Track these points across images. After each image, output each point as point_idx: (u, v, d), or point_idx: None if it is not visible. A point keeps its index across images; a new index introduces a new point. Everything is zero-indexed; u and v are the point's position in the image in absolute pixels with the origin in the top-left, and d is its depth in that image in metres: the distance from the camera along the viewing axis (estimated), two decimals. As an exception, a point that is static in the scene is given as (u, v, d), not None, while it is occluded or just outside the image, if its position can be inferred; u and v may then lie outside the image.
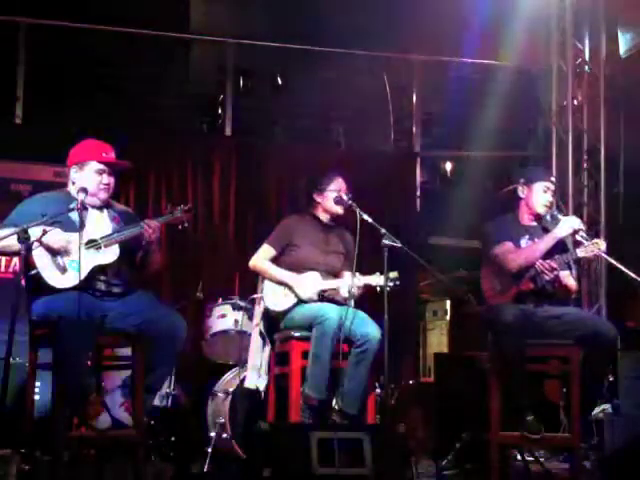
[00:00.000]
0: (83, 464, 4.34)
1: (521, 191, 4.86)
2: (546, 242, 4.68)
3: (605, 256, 4.71)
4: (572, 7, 7.62)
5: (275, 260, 5.03)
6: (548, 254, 4.66)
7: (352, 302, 4.87)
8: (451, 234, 7.91)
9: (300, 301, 4.88)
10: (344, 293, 4.89)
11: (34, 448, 4.19)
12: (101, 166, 4.30)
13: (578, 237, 4.70)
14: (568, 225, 4.69)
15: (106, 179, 4.32)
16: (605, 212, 7.47)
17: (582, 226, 4.73)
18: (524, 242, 4.77)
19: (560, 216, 4.82)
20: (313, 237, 5.05)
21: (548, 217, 4.86)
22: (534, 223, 4.87)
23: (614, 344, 4.68)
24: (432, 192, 8.25)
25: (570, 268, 4.83)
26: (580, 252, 4.67)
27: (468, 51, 8.20)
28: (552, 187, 4.85)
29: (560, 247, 4.73)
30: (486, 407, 4.59)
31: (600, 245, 4.64)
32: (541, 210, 4.83)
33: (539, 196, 4.82)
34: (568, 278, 4.81)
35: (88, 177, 4.30)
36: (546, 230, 4.79)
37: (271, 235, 5.09)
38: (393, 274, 4.75)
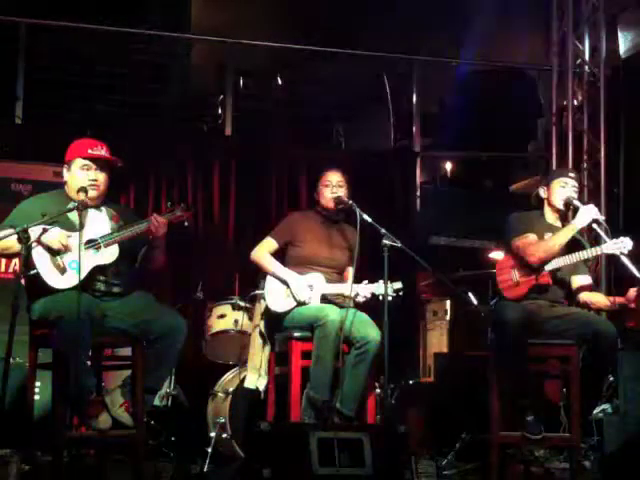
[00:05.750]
0: (83, 464, 4.35)
1: (543, 192, 4.87)
2: (565, 233, 4.64)
3: (625, 259, 4.63)
4: (572, 7, 7.62)
5: (280, 256, 5.02)
6: (567, 251, 4.66)
7: (352, 303, 4.86)
8: (451, 234, 7.90)
9: (299, 303, 4.88)
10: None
11: (34, 448, 4.19)
12: (86, 162, 4.25)
13: (597, 228, 4.67)
14: (587, 214, 4.64)
15: (92, 175, 4.24)
16: (605, 212, 7.46)
17: (600, 216, 4.69)
18: (546, 237, 4.76)
19: (580, 205, 4.78)
20: (317, 232, 5.03)
21: (574, 203, 4.80)
22: (558, 223, 4.85)
23: (614, 344, 4.67)
24: (432, 192, 8.24)
25: (587, 267, 4.84)
26: (606, 248, 4.62)
27: (468, 51, 8.21)
28: (570, 182, 4.82)
29: (575, 245, 4.71)
30: (486, 407, 4.58)
31: (627, 244, 4.60)
32: (561, 205, 4.82)
33: (558, 192, 4.82)
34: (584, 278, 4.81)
35: (75, 175, 4.26)
36: None
37: (275, 229, 5.09)
38: (397, 285, 4.76)
